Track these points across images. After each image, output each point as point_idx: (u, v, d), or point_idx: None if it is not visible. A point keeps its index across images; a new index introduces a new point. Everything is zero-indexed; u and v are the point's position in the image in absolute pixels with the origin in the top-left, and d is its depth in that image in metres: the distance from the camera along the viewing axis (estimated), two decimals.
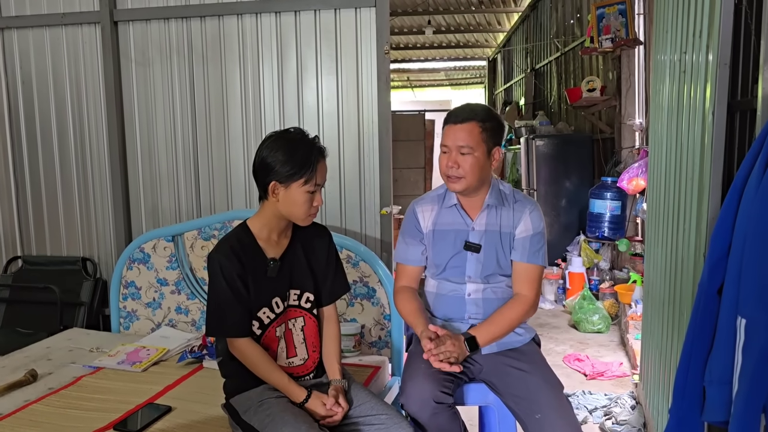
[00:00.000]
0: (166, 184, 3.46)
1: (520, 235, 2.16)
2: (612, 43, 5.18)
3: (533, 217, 2.17)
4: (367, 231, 3.25)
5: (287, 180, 1.87)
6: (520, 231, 2.16)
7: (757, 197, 1.33)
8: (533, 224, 2.16)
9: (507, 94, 11.71)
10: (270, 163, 1.88)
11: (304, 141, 1.92)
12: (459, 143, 2.06)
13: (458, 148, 2.06)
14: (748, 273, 1.34)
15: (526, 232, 2.16)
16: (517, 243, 2.17)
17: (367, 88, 3.19)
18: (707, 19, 1.95)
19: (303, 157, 1.87)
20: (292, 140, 1.90)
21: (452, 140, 2.08)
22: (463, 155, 2.06)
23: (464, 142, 2.06)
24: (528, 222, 2.16)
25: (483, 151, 2.07)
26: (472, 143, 2.06)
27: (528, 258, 2.15)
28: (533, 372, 2.07)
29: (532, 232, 2.15)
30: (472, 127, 2.06)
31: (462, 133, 2.06)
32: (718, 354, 1.46)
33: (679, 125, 2.35)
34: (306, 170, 1.87)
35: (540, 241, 2.17)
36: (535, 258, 2.16)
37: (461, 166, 2.07)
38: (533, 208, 2.19)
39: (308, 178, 1.88)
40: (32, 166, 3.64)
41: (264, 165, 1.89)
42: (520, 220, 2.16)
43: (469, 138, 2.06)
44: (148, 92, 3.43)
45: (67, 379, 2.51)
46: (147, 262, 3.12)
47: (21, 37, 3.56)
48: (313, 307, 2.08)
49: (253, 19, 3.26)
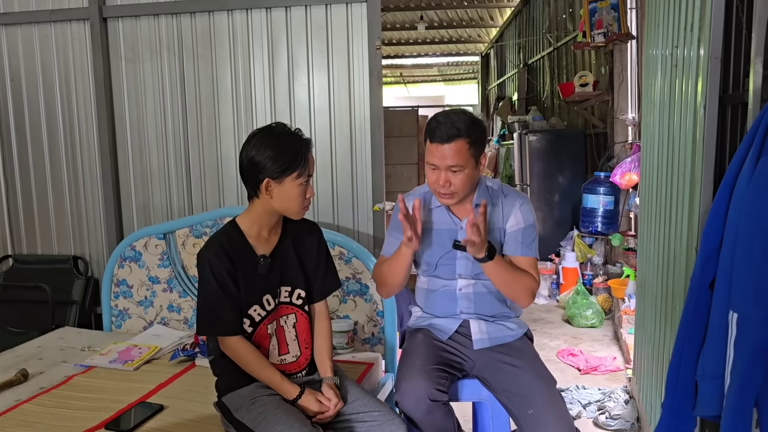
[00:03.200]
0: (157, 182, 3.44)
1: (511, 229, 2.14)
2: (604, 37, 5.18)
3: (524, 210, 2.14)
4: (359, 227, 3.24)
5: (280, 175, 1.86)
6: (510, 225, 2.14)
7: (748, 191, 1.33)
8: (524, 217, 2.13)
9: (500, 89, 11.71)
10: (260, 161, 1.85)
11: (291, 134, 1.91)
12: (448, 163, 1.99)
13: (448, 168, 2.00)
14: (739, 267, 1.34)
15: (517, 225, 2.13)
16: (509, 237, 2.14)
17: (358, 83, 3.18)
18: (698, 12, 1.95)
19: (293, 151, 1.87)
20: (279, 135, 1.89)
21: (440, 160, 2.00)
22: (455, 173, 2.01)
23: (454, 161, 1.99)
24: (519, 215, 2.13)
25: (473, 165, 2.03)
26: (462, 161, 1.99)
27: (521, 251, 2.14)
28: (525, 368, 2.07)
29: (523, 225, 2.13)
30: (460, 145, 1.98)
31: (450, 152, 1.98)
32: (710, 348, 1.46)
33: (671, 119, 2.35)
34: (298, 163, 1.87)
35: (532, 234, 2.15)
36: (528, 250, 2.14)
37: (453, 184, 2.02)
38: (523, 202, 2.16)
39: (301, 171, 1.87)
40: (22, 164, 3.62)
41: (253, 164, 1.87)
42: (510, 214, 2.14)
43: (458, 157, 1.98)
44: (139, 89, 3.41)
45: (58, 379, 2.49)
46: (138, 260, 3.10)
47: (9, 34, 3.52)
48: (304, 304, 2.07)
49: (243, 14, 3.24)
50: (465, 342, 2.18)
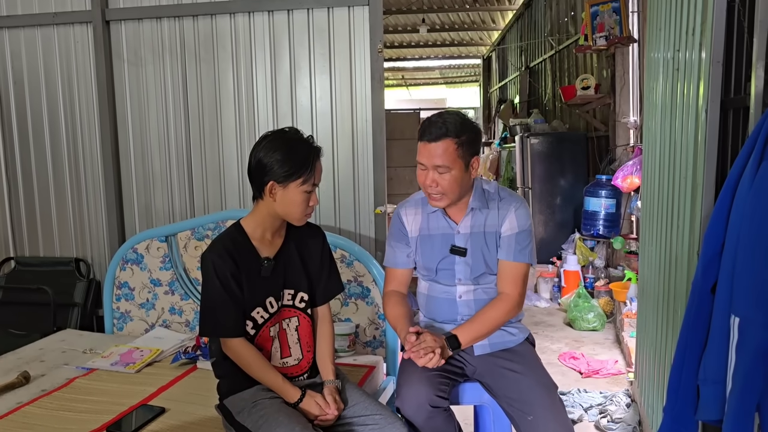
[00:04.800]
0: (159, 184, 3.45)
1: (505, 233, 2.13)
2: (606, 41, 5.18)
3: (519, 214, 2.12)
4: (361, 230, 3.24)
5: (285, 180, 1.87)
6: (505, 229, 2.13)
7: (750, 196, 1.33)
8: (519, 221, 2.12)
9: (502, 92, 11.72)
10: (267, 163, 1.86)
11: (302, 141, 1.91)
12: (435, 162, 1.99)
13: (434, 167, 2.00)
14: (741, 271, 1.35)
15: (511, 230, 2.12)
16: (503, 241, 2.13)
17: (360, 87, 3.19)
18: (700, 16, 1.95)
19: (301, 157, 1.87)
20: (290, 140, 1.90)
21: (427, 159, 2.00)
22: (441, 174, 2.00)
23: (440, 161, 1.98)
24: (513, 219, 2.12)
25: (460, 167, 2.01)
26: (448, 161, 1.98)
27: (514, 256, 2.12)
28: (526, 373, 2.06)
29: (517, 230, 2.12)
30: (447, 144, 1.97)
31: (437, 151, 1.98)
32: (711, 352, 1.46)
33: (672, 123, 2.35)
34: (304, 170, 1.87)
35: (526, 239, 2.13)
36: (521, 256, 2.12)
37: (440, 185, 2.01)
38: (519, 205, 2.14)
39: (306, 178, 1.88)
40: (24, 167, 3.63)
41: (261, 165, 1.88)
42: (506, 218, 2.12)
43: (444, 157, 1.98)
44: (141, 92, 3.42)
45: (60, 381, 2.49)
46: (140, 263, 3.11)
47: (12, 36, 3.54)
48: (307, 307, 2.07)
49: (245, 17, 3.25)
50: (466, 347, 2.17)
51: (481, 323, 2.10)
